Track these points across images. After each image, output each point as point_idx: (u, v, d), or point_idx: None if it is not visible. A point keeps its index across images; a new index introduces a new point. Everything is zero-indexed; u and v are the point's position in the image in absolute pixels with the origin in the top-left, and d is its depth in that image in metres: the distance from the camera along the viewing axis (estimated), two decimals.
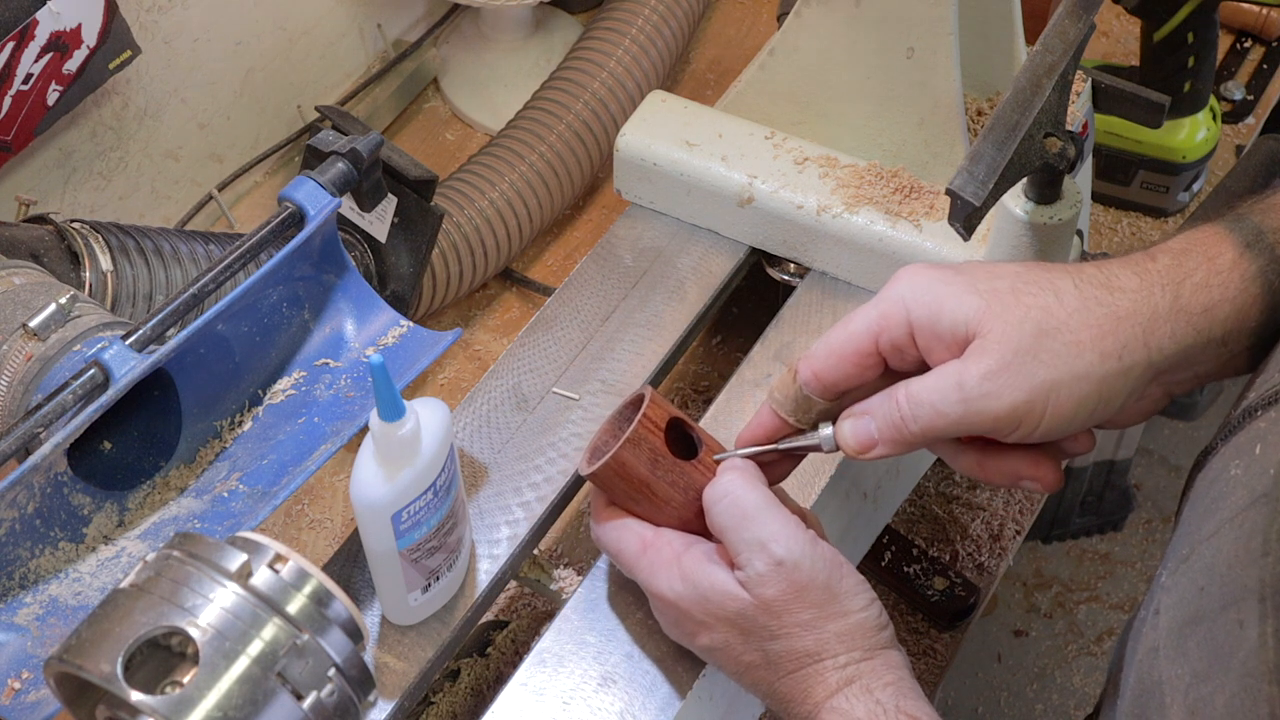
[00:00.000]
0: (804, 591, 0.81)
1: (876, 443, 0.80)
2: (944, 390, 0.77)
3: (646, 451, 0.84)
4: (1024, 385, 0.76)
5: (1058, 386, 0.76)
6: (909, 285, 0.80)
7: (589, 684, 0.89)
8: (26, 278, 0.96)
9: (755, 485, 0.84)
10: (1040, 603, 2.38)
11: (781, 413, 0.85)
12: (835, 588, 0.82)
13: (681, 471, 0.85)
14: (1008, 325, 0.76)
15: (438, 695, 1.00)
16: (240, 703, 0.65)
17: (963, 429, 0.78)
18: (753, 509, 0.83)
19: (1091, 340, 0.76)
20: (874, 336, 0.81)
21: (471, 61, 1.53)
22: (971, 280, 0.79)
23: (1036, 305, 0.77)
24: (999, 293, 0.78)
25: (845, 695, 0.80)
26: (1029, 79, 0.86)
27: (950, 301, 0.78)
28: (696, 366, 1.29)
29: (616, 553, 0.88)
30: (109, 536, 0.90)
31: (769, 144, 1.10)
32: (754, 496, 0.83)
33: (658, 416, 0.85)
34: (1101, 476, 2.24)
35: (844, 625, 0.81)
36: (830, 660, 0.81)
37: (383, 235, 1.16)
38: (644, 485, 0.85)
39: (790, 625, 0.81)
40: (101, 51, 1.17)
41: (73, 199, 1.27)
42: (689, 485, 0.85)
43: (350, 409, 0.96)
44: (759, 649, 0.82)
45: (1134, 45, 1.44)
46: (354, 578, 0.92)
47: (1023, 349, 0.76)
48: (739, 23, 1.62)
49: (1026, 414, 0.76)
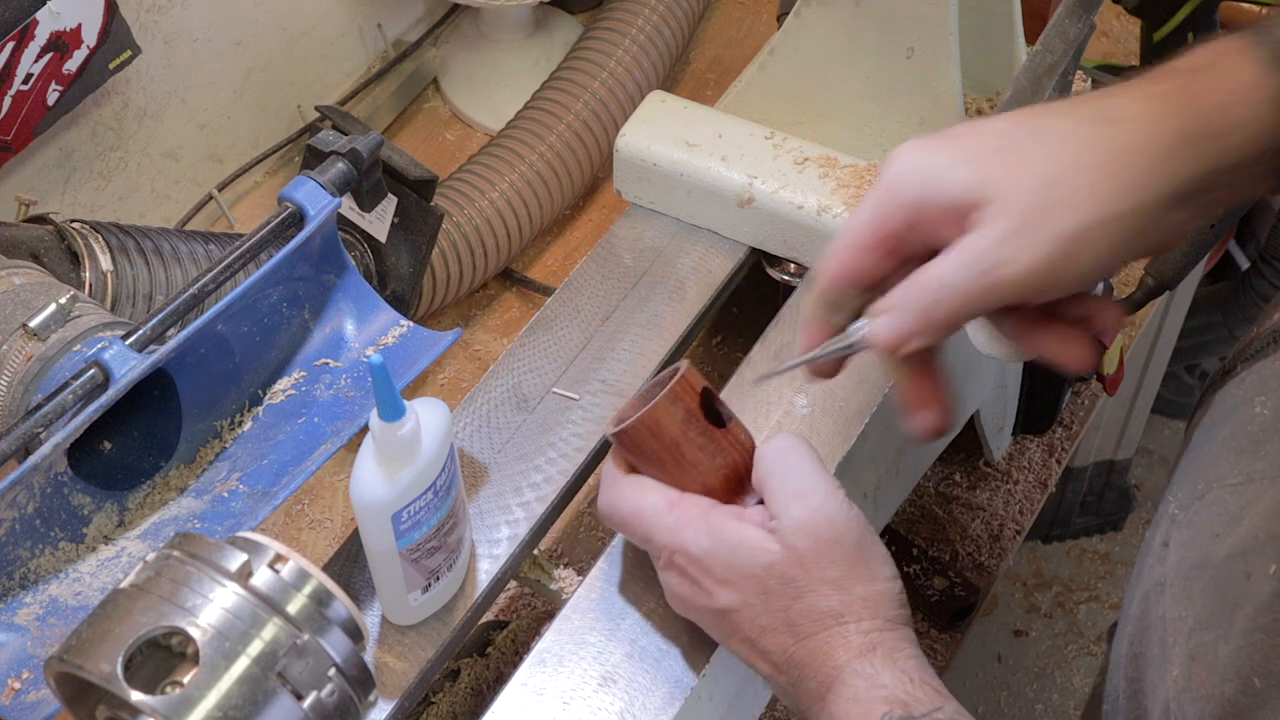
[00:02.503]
0: (835, 545, 0.81)
1: (909, 335, 0.75)
2: (960, 267, 0.72)
3: (681, 411, 0.86)
4: (1041, 243, 0.70)
5: (1076, 236, 0.70)
6: (898, 169, 0.75)
7: (589, 684, 0.89)
8: (26, 278, 0.96)
9: (809, 451, 0.85)
10: (1040, 603, 2.38)
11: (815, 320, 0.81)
12: (866, 550, 0.82)
13: (711, 436, 0.86)
14: (1010, 186, 0.71)
15: (438, 695, 1.00)
16: (240, 703, 0.65)
17: (990, 302, 0.73)
18: (800, 464, 0.84)
19: (1103, 180, 0.70)
20: (875, 229, 0.76)
21: (471, 61, 1.53)
22: (960, 148, 0.74)
23: (1037, 157, 0.71)
24: (991, 154, 0.72)
25: (869, 660, 0.79)
26: (1029, 79, 0.86)
27: (943, 176, 0.73)
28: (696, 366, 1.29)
29: (635, 510, 0.87)
30: (109, 536, 0.90)
31: (769, 144, 1.10)
32: (805, 456, 0.85)
33: (695, 382, 0.87)
34: (1101, 476, 2.24)
35: (870, 590, 0.81)
36: (854, 624, 0.80)
37: (383, 235, 1.16)
38: (674, 446, 0.86)
39: (818, 581, 0.81)
40: (101, 51, 1.17)
41: (73, 199, 1.27)
42: (717, 451, 0.87)
43: (350, 409, 0.96)
44: (780, 609, 0.81)
45: (1134, 45, 1.44)
46: (354, 578, 0.92)
47: (1031, 206, 0.71)
48: (739, 23, 1.62)
49: (1049, 272, 0.71)
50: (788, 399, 1.01)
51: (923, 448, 1.16)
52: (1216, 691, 0.64)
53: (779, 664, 0.83)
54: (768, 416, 1.00)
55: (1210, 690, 0.64)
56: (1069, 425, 1.40)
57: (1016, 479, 1.36)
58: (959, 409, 0.80)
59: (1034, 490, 1.36)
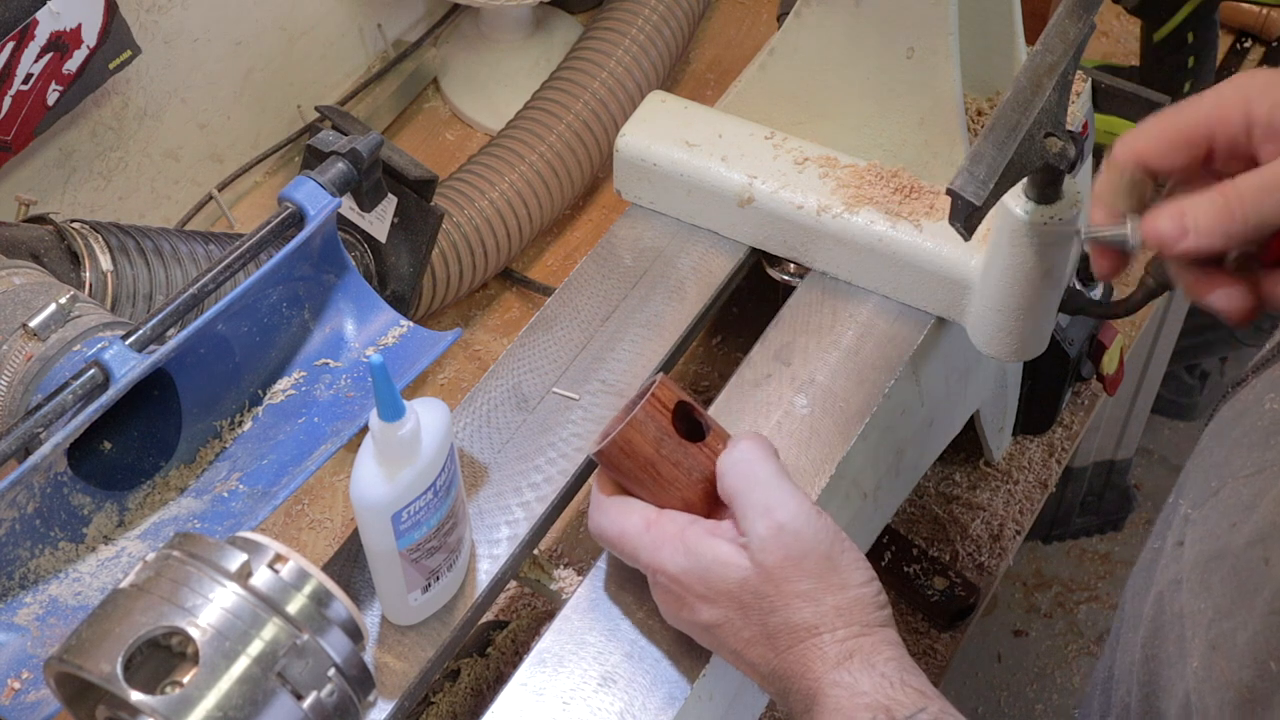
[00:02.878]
0: (803, 559, 0.82)
1: (1188, 232, 0.74)
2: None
3: (654, 429, 0.86)
4: None
5: None
6: (1249, 79, 0.75)
7: (589, 684, 0.89)
8: (26, 278, 0.96)
9: (769, 457, 0.86)
10: (1040, 603, 2.38)
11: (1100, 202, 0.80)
12: (836, 560, 0.82)
13: (687, 453, 0.87)
14: None
15: (438, 695, 1.00)
16: (240, 703, 0.65)
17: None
18: (763, 476, 0.84)
19: None
20: (1208, 125, 0.75)
21: (471, 61, 1.53)
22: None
23: None
24: None
25: (847, 669, 0.80)
26: (1029, 79, 0.85)
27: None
28: (696, 366, 1.29)
29: (619, 533, 0.88)
30: (109, 536, 0.90)
31: (769, 144, 1.10)
32: (766, 466, 0.85)
33: (666, 398, 0.87)
34: (1101, 476, 2.24)
35: (843, 599, 0.82)
36: (829, 634, 0.81)
37: (383, 235, 1.16)
38: (649, 465, 0.87)
39: (789, 595, 0.81)
40: (101, 51, 1.17)
41: (73, 199, 1.27)
42: (694, 467, 0.87)
43: (350, 409, 0.96)
44: (759, 623, 0.83)
45: (1134, 45, 1.44)
46: (354, 578, 0.92)
47: None
48: (739, 23, 1.62)
49: None
50: (788, 399, 1.01)
51: (923, 448, 1.16)
52: (1235, 679, 0.64)
53: (765, 675, 0.84)
54: (768, 416, 1.00)
55: (1230, 678, 0.64)
56: (1069, 425, 1.40)
57: (1016, 479, 1.36)
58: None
59: (1034, 490, 1.36)
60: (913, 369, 1.05)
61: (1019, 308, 0.99)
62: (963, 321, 1.05)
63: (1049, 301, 1.00)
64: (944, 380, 1.12)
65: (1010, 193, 0.92)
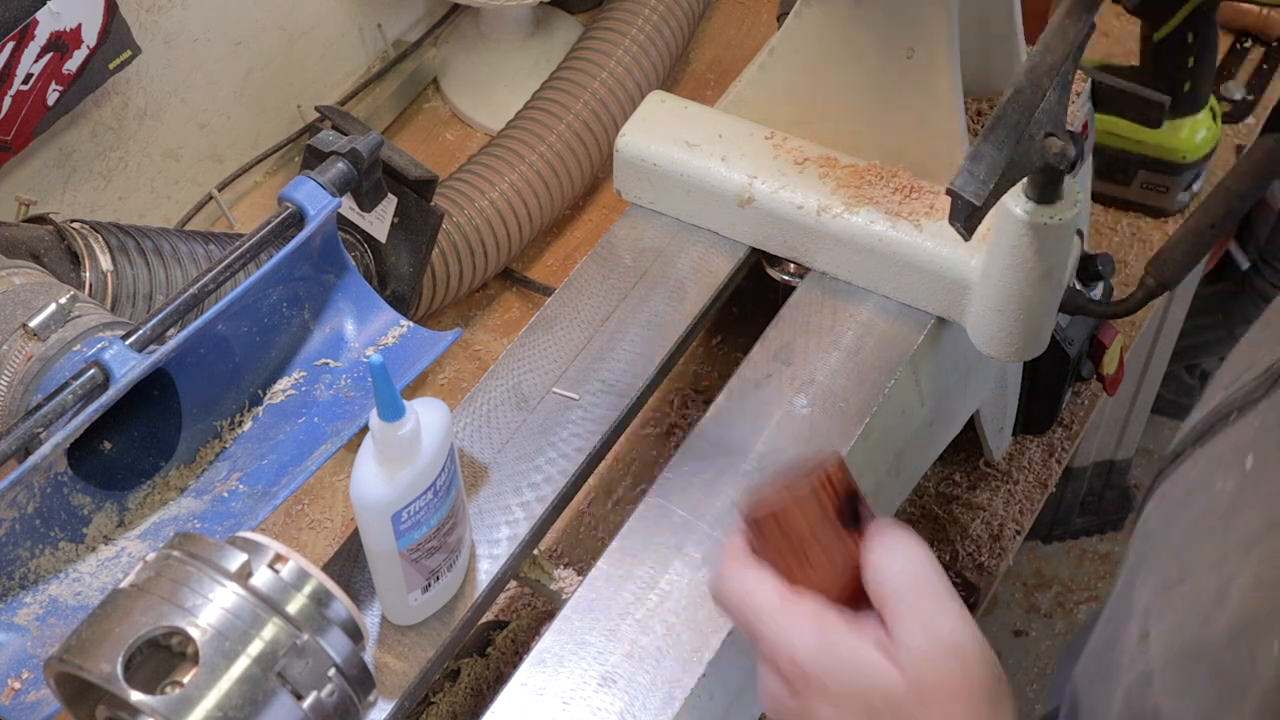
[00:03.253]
0: (964, 688, 0.71)
1: None
2: None
3: (815, 511, 0.78)
4: None
5: None
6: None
7: (589, 684, 0.89)
8: (26, 278, 0.96)
9: (934, 561, 0.75)
10: (1040, 603, 2.38)
11: None
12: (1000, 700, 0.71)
13: (843, 543, 0.78)
14: None
15: (438, 695, 1.00)
16: (240, 703, 0.65)
17: None
18: (931, 584, 0.74)
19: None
20: None
21: (471, 61, 1.53)
22: None
23: None
24: None
25: None
26: (1029, 79, 0.85)
27: None
28: (696, 366, 1.29)
29: (746, 602, 0.78)
30: (109, 536, 0.90)
31: (769, 144, 1.10)
32: (932, 571, 0.74)
33: (839, 483, 0.79)
34: (1101, 476, 2.24)
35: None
36: None
37: (383, 235, 1.16)
38: (800, 545, 0.78)
39: None
40: (101, 51, 1.18)
41: (73, 199, 1.27)
42: (845, 556, 0.79)
43: (350, 409, 0.96)
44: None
45: (1134, 45, 1.44)
46: (354, 578, 0.92)
47: None
48: (739, 23, 1.62)
49: None
50: (788, 399, 1.01)
51: (923, 448, 1.16)
52: None
53: None
54: (768, 416, 1.00)
55: None
56: (1069, 425, 1.40)
57: (1016, 479, 1.36)
58: None
59: (1034, 490, 1.36)
60: (913, 369, 1.05)
61: (1019, 308, 0.99)
62: (963, 321, 1.05)
63: (1049, 301, 1.00)
64: (944, 380, 1.12)
65: (1010, 193, 0.92)
